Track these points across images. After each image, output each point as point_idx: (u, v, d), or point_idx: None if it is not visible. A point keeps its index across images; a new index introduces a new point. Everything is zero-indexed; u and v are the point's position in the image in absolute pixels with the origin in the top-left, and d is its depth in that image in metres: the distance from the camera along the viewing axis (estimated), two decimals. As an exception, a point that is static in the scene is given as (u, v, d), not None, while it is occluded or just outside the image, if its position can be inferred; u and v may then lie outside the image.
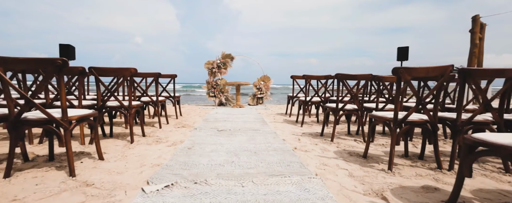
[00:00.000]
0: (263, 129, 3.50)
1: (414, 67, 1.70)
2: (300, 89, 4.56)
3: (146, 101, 3.48)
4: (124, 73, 2.56)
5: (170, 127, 3.64)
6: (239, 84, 7.14)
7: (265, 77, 8.31)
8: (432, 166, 1.96)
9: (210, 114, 5.02)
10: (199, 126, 3.67)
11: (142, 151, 2.32)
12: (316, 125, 3.96)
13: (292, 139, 2.93)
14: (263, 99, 8.26)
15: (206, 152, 2.33)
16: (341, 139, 2.97)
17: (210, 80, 7.91)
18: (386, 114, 1.95)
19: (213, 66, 7.87)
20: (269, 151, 2.38)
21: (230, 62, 7.98)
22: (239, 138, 2.90)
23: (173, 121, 4.13)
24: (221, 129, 3.40)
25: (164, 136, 2.99)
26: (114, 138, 2.86)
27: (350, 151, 2.45)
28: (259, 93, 8.20)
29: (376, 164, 2.04)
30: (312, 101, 3.74)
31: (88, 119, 1.83)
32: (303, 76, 3.69)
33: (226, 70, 7.97)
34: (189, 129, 3.48)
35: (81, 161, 1.97)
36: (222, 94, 7.87)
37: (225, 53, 7.96)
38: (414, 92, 1.76)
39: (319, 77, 3.72)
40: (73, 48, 6.06)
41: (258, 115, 4.89)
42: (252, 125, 3.80)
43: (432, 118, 1.77)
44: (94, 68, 2.49)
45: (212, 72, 7.88)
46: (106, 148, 2.39)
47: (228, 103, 8.16)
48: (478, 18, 6.48)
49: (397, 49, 6.18)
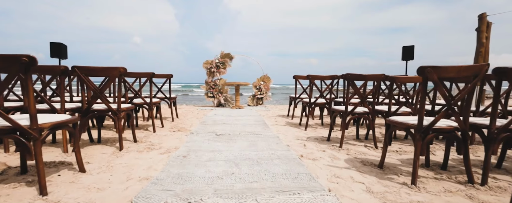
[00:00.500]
0: (265, 133, 3.25)
1: (443, 66, 1.45)
2: (303, 90, 4.31)
3: (139, 103, 3.22)
4: (112, 73, 2.30)
5: (165, 131, 3.38)
6: (238, 85, 6.89)
7: (265, 77, 8.06)
8: (460, 179, 1.71)
9: (208, 116, 4.76)
10: (196, 129, 3.41)
11: (131, 160, 2.07)
12: (321, 128, 3.72)
13: (297, 145, 2.68)
14: (263, 100, 8.01)
15: (202, 161, 2.07)
16: (350, 144, 2.72)
17: (208, 80, 7.65)
18: (408, 119, 1.71)
19: (211, 66, 7.61)
20: (273, 160, 2.13)
21: (229, 61, 7.73)
22: (239, 144, 2.65)
23: (168, 124, 3.87)
24: (219, 134, 3.15)
25: (157, 142, 2.73)
26: (102, 144, 2.60)
27: (362, 159, 2.20)
28: (259, 93, 7.95)
29: (395, 176, 1.80)
30: (316, 103, 3.50)
31: (66, 126, 1.57)
32: (307, 76, 3.44)
33: (225, 70, 7.71)
34: (185, 133, 3.22)
35: (59, 174, 1.71)
36: (221, 95, 7.62)
37: (224, 52, 7.70)
38: (443, 94, 1.52)
39: (324, 77, 3.48)
40: (65, 47, 5.78)
41: (259, 117, 4.64)
42: (252, 128, 3.55)
43: (463, 124, 1.52)
44: (78, 67, 2.22)
45: (210, 72, 7.62)
46: (91, 157, 2.13)
47: (227, 104, 7.91)
48: (485, 16, 6.26)
49: (402, 48, 5.94)
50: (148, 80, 3.30)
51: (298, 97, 4.42)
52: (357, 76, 2.46)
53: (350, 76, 2.44)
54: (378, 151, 2.47)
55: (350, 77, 2.47)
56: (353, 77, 2.45)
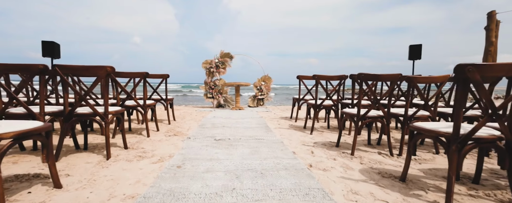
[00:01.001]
0: (268, 137, 2.99)
1: (489, 64, 1.20)
2: (307, 91, 4.06)
3: (131, 105, 2.96)
4: (98, 72, 2.05)
5: (159, 135, 3.12)
6: (238, 85, 6.64)
7: (266, 78, 7.81)
8: (500, 197, 1.46)
9: (207, 118, 4.51)
10: (194, 134, 3.16)
11: (118, 172, 1.81)
12: (327, 132, 3.46)
13: (303, 152, 2.43)
14: (263, 101, 7.76)
15: (199, 173, 1.82)
16: (361, 151, 2.47)
17: (208, 80, 7.39)
18: (439, 126, 1.45)
19: (211, 66, 7.35)
20: (279, 171, 1.87)
21: (229, 61, 7.47)
22: (240, 151, 2.40)
23: (164, 128, 3.62)
24: (218, 138, 2.89)
25: (150, 149, 2.47)
26: (89, 151, 2.34)
27: (379, 169, 1.95)
28: (260, 94, 7.70)
29: (422, 192, 1.54)
30: (323, 105, 3.24)
31: (34, 135, 1.32)
32: (314, 76, 3.19)
33: (225, 70, 7.46)
34: (182, 138, 2.97)
35: (29, 191, 1.45)
36: (221, 95, 7.36)
37: (223, 52, 7.45)
38: (486, 97, 1.27)
39: (331, 77, 3.22)
40: (57, 46, 5.52)
41: (261, 120, 4.39)
42: (254, 132, 3.29)
43: (509, 133, 1.27)
44: (58, 66, 1.97)
45: (210, 72, 7.37)
46: (72, 168, 1.87)
47: (227, 105, 7.65)
48: (494, 14, 6.00)
49: (409, 47, 5.69)
50: (142, 80, 3.04)
51: (302, 99, 4.17)
52: (371, 76, 2.20)
53: (364, 76, 2.19)
54: (394, 159, 2.21)
55: (363, 77, 2.21)
56: (367, 77, 2.20)
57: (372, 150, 2.52)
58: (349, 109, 2.51)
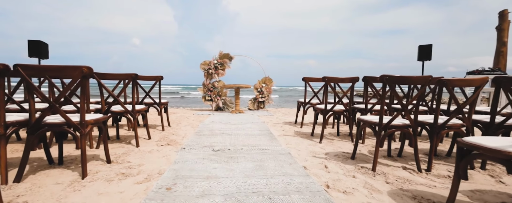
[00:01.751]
0: (273, 147, 2.64)
1: None
2: (314, 94, 3.71)
3: (118, 111, 2.60)
4: (72, 74, 1.69)
5: (151, 144, 2.76)
6: (238, 87, 6.29)
7: (267, 79, 7.47)
8: None
9: (205, 124, 4.15)
10: (189, 143, 2.80)
11: (92, 198, 1.45)
12: (338, 139, 3.12)
13: (316, 166, 2.08)
14: (264, 103, 7.41)
15: (193, 197, 1.46)
16: (382, 165, 2.12)
17: (206, 82, 7.04)
18: (506, 145, 1.11)
19: (209, 67, 7.01)
20: (292, 194, 1.52)
21: (229, 62, 7.13)
22: (242, 166, 2.04)
23: (157, 135, 3.25)
24: (217, 149, 2.54)
25: (137, 162, 2.11)
26: (65, 166, 1.98)
27: (412, 191, 1.60)
28: (260, 96, 7.35)
29: (479, 227, 1.20)
30: (333, 111, 2.90)
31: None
32: (323, 78, 2.84)
33: (224, 71, 7.11)
34: (176, 148, 2.61)
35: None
36: (220, 98, 7.01)
37: (222, 52, 7.10)
38: None
39: (342, 79, 2.88)
40: (45, 45, 5.15)
41: (263, 125, 4.03)
42: (257, 140, 2.94)
43: None
44: (22, 66, 1.61)
45: (208, 74, 7.02)
46: (37, 191, 1.51)
47: (226, 108, 7.30)
48: (507, 13, 5.70)
49: (418, 47, 5.38)
50: (131, 83, 2.69)
51: (308, 102, 3.83)
52: (398, 78, 1.86)
53: (389, 78, 1.85)
54: (424, 177, 1.87)
55: (388, 80, 1.87)
56: (393, 79, 1.85)
57: (395, 163, 2.17)
58: (369, 116, 2.16)
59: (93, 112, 2.63)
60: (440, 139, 1.95)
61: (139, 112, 2.74)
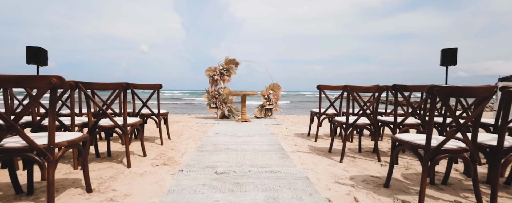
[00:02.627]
0: (287, 169, 2.22)
1: None
2: (330, 104, 3.29)
3: (107, 126, 2.23)
4: (38, 85, 1.33)
5: (145, 164, 2.38)
6: (244, 94, 5.91)
7: (275, 86, 7.07)
8: None
9: (209, 136, 3.76)
10: (189, 162, 2.40)
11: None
12: (360, 157, 2.67)
13: (343, 199, 1.65)
14: (272, 111, 7.00)
15: None
16: (428, 197, 1.67)
17: (211, 89, 6.69)
18: None
19: (214, 73, 6.67)
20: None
21: (235, 68, 6.78)
22: (251, 197, 1.63)
23: (154, 151, 2.88)
24: (221, 172, 2.13)
25: (124, 192, 1.72)
26: (34, 197, 1.61)
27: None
28: (268, 103, 6.95)
29: None
30: (356, 125, 2.46)
31: None
32: (345, 87, 2.42)
33: (230, 78, 6.76)
34: (173, 169, 2.22)
35: None
36: (225, 105, 6.64)
37: (228, 58, 6.77)
38: None
39: (369, 88, 2.45)
40: (44, 52, 4.90)
41: (272, 138, 3.62)
42: (267, 158, 2.52)
43: None
44: (-28, 77, 1.26)
45: (213, 80, 6.68)
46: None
47: (232, 116, 6.91)
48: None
49: (441, 51, 4.90)
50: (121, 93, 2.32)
51: (323, 113, 3.40)
52: (454, 90, 1.43)
53: (441, 89, 1.42)
54: (490, 218, 1.42)
55: (441, 92, 1.44)
56: (448, 91, 1.42)
57: (443, 195, 1.72)
58: (410, 136, 1.72)
59: (79, 127, 2.28)
60: (506, 166, 1.50)
61: (132, 126, 2.37)
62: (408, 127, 2.44)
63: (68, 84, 2.00)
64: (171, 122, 5.66)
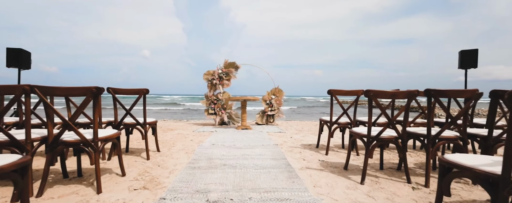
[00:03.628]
0: (296, 195, 1.75)
1: None
2: (343, 112, 2.83)
3: (70, 141, 1.77)
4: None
5: (121, 187, 1.91)
6: (245, 100, 5.46)
7: (277, 90, 6.64)
8: None
9: (204, 147, 3.30)
10: (176, 184, 1.94)
11: None
12: (384, 176, 2.20)
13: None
14: (274, 117, 6.54)
15: None
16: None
17: (209, 94, 6.25)
18: None
19: (213, 77, 6.24)
20: None
21: (234, 72, 6.36)
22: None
23: (136, 168, 2.41)
24: (214, 200, 1.66)
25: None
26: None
27: None
28: (270, 109, 6.50)
29: None
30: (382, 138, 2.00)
31: None
32: (367, 92, 1.97)
33: (229, 82, 6.33)
34: (154, 195, 1.75)
35: None
36: (224, 111, 6.19)
37: (228, 61, 6.35)
38: None
39: (396, 94, 2.00)
40: (27, 54, 4.48)
41: (276, 150, 3.15)
42: (272, 179, 2.05)
43: None
44: None
45: (212, 85, 6.25)
46: None
47: (232, 122, 6.46)
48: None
49: (459, 53, 4.46)
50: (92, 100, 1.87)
51: (335, 122, 2.94)
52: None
53: None
54: None
55: None
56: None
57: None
58: (472, 158, 1.26)
59: (39, 142, 1.82)
60: None
61: (106, 140, 1.91)
62: (445, 141, 1.97)
63: (21, 89, 1.55)
64: (166, 129, 5.20)
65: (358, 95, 2.84)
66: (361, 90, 2.84)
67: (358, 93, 2.84)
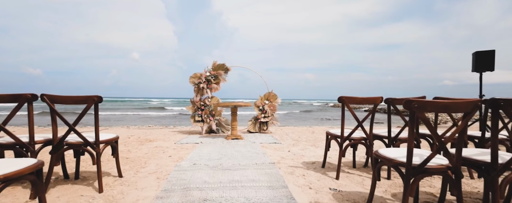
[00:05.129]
0: None
1: None
2: (358, 124, 2.20)
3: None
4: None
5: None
6: (236, 106, 4.78)
7: (271, 95, 6.00)
8: None
9: (182, 167, 2.59)
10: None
11: None
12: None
13: None
14: (267, 124, 5.87)
15: None
16: None
17: (196, 99, 5.53)
18: None
19: (200, 81, 5.53)
20: None
21: (224, 74, 5.67)
22: None
23: (81, 206, 1.68)
24: None
25: None
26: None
27: None
28: (263, 116, 5.84)
29: None
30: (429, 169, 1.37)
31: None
32: (408, 103, 1.33)
33: (218, 86, 5.63)
34: None
35: None
36: (213, 118, 5.48)
37: (217, 63, 5.66)
38: None
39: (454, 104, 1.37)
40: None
41: (273, 171, 2.48)
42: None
43: None
44: None
45: (199, 89, 5.53)
46: None
47: (221, 130, 5.75)
48: None
49: (473, 55, 3.96)
50: None
51: (347, 137, 2.30)
52: None
53: None
54: None
55: None
56: None
57: None
58: None
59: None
60: None
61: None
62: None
63: None
64: (143, 140, 4.44)
65: (375, 104, 2.22)
66: (380, 98, 2.22)
67: (375, 101, 2.22)
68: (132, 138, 4.66)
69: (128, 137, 4.75)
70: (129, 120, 13.19)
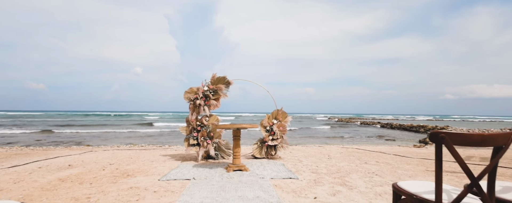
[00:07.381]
0: None
1: None
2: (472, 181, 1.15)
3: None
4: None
5: None
6: (239, 128, 3.72)
7: (280, 113, 4.94)
8: None
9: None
10: None
11: None
12: None
13: None
14: (276, 149, 4.77)
15: None
16: None
17: (191, 118, 4.49)
18: None
19: (196, 96, 4.51)
20: None
21: (225, 89, 4.66)
22: None
23: None
24: None
25: None
26: None
27: None
28: (271, 138, 4.75)
29: None
30: None
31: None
32: None
33: (218, 102, 4.60)
34: None
35: None
36: (211, 141, 4.40)
37: (216, 76, 4.68)
38: None
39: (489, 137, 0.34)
40: None
41: None
42: None
43: None
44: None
45: (195, 106, 4.49)
46: None
47: (221, 155, 4.66)
48: None
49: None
50: None
51: None
52: None
53: None
54: None
55: None
56: None
57: None
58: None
59: None
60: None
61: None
62: None
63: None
64: (120, 174, 3.34)
65: (506, 146, 1.17)
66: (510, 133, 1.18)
67: (506, 141, 1.17)
68: (107, 170, 3.57)
69: (103, 169, 3.66)
70: (123, 138, 12.04)
